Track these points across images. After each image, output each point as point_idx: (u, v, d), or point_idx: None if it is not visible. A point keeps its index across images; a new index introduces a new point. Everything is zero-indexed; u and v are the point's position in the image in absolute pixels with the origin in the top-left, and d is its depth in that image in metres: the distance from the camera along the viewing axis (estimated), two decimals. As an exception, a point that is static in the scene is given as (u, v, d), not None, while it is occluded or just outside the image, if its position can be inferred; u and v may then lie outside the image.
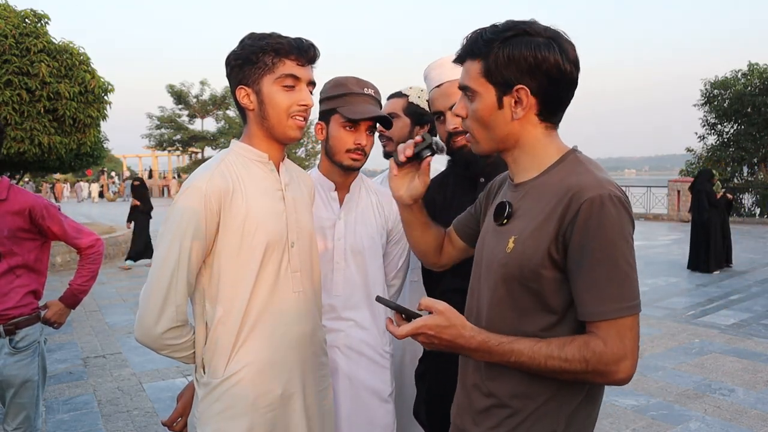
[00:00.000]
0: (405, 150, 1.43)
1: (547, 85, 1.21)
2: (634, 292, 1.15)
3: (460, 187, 1.90)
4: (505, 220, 1.28)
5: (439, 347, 1.21)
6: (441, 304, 1.20)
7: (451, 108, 1.85)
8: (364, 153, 1.85)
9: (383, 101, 2.36)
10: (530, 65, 1.19)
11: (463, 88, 1.30)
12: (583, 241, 1.13)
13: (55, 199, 25.66)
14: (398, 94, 2.40)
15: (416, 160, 1.42)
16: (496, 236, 1.30)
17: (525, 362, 1.16)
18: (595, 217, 1.13)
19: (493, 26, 1.26)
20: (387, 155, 2.33)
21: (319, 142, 1.93)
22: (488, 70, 1.22)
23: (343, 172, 1.88)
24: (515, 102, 1.23)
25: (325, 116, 1.86)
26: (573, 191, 1.16)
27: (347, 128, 1.81)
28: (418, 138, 1.42)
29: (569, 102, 1.29)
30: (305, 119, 1.53)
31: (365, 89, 1.85)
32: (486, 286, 1.29)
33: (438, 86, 1.89)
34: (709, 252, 9.20)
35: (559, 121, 1.31)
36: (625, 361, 1.14)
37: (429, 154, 1.40)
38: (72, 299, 2.62)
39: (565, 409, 1.21)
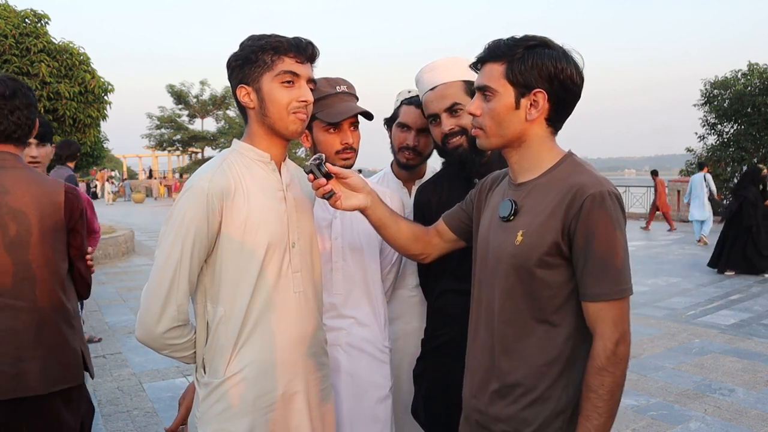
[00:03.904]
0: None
1: (561, 93, 1.36)
2: (628, 276, 1.31)
3: (456, 187, 1.90)
4: (512, 217, 1.40)
5: None
6: None
7: (446, 110, 1.85)
8: (353, 150, 1.85)
9: (391, 103, 2.33)
10: (550, 73, 1.34)
11: (482, 87, 1.40)
12: (587, 231, 1.29)
13: None
14: (417, 102, 2.12)
15: (309, 173, 1.53)
16: (503, 231, 1.42)
17: (599, 425, 1.28)
18: (596, 210, 1.29)
19: (513, 36, 1.39)
20: (408, 167, 2.20)
21: None
22: (511, 72, 1.35)
23: None
24: (531, 104, 1.36)
25: None
26: (576, 188, 1.31)
27: (331, 131, 1.82)
28: (314, 158, 1.52)
29: (572, 113, 1.43)
30: (306, 115, 1.53)
31: (337, 87, 1.84)
32: (496, 276, 1.41)
33: (432, 89, 1.89)
34: (746, 251, 8.67)
35: (560, 128, 1.45)
36: (623, 341, 1.29)
37: (308, 171, 1.52)
38: None
39: (573, 386, 1.36)
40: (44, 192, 1.95)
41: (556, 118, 1.41)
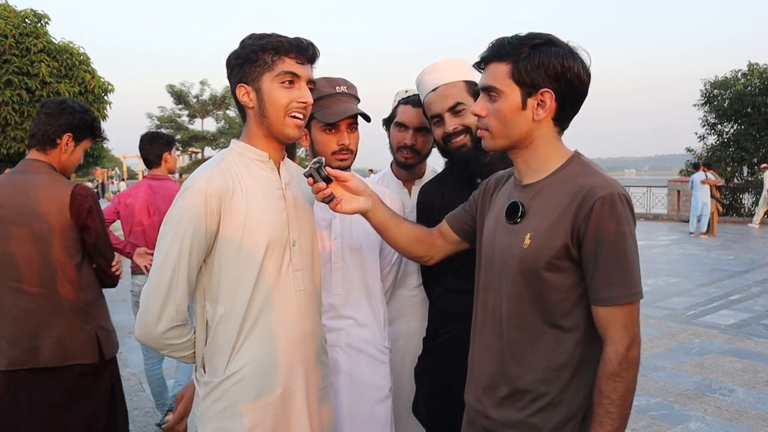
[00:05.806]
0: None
1: (568, 92, 1.33)
2: (639, 280, 1.29)
3: (458, 188, 1.90)
4: (519, 219, 1.37)
5: None
6: None
7: (449, 109, 1.85)
8: (350, 151, 1.84)
9: (391, 103, 2.33)
10: (557, 72, 1.30)
11: (487, 88, 1.37)
12: (598, 234, 1.26)
13: None
14: (418, 102, 2.08)
15: (308, 177, 1.52)
16: (510, 234, 1.39)
17: (613, 430, 1.27)
18: (607, 213, 1.26)
19: (517, 35, 1.35)
20: (406, 166, 2.22)
21: None
22: (517, 72, 1.32)
23: None
24: (538, 104, 1.33)
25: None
26: (585, 190, 1.28)
27: (327, 131, 1.82)
28: (314, 161, 1.51)
29: (578, 111, 1.40)
30: (304, 117, 1.53)
31: (337, 88, 1.84)
32: (504, 279, 1.39)
33: (434, 90, 1.89)
34: None
35: (567, 127, 1.41)
36: (635, 345, 1.28)
37: (308, 175, 1.51)
38: None
39: (583, 390, 1.34)
40: (55, 194, 2.21)
41: (563, 118, 1.38)
